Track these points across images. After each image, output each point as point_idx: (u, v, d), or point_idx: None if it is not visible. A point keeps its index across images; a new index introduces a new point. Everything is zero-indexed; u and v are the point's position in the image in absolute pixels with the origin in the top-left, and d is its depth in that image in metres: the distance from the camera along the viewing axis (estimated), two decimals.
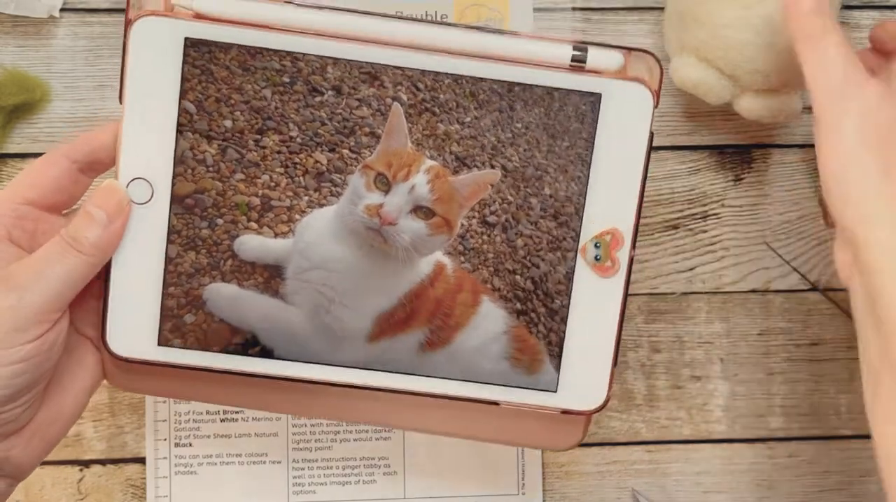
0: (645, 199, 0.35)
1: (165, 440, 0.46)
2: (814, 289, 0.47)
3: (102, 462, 0.46)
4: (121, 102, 0.33)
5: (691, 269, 0.48)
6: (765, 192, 0.47)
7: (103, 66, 0.45)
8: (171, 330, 0.34)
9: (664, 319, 0.48)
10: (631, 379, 0.48)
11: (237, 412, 0.46)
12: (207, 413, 0.46)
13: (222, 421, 0.46)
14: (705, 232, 0.47)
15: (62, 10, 0.44)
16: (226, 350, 0.35)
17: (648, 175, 0.35)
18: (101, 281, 0.34)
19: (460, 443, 0.46)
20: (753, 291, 0.47)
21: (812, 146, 0.47)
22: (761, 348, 0.48)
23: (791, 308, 0.48)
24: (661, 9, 0.44)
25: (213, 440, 0.46)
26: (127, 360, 0.34)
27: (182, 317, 0.34)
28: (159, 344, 0.34)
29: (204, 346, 0.35)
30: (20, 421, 0.32)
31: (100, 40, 0.45)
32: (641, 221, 0.35)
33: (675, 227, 0.47)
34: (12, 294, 0.30)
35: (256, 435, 0.46)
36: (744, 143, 0.47)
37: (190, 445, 0.46)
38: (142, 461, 0.46)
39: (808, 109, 0.35)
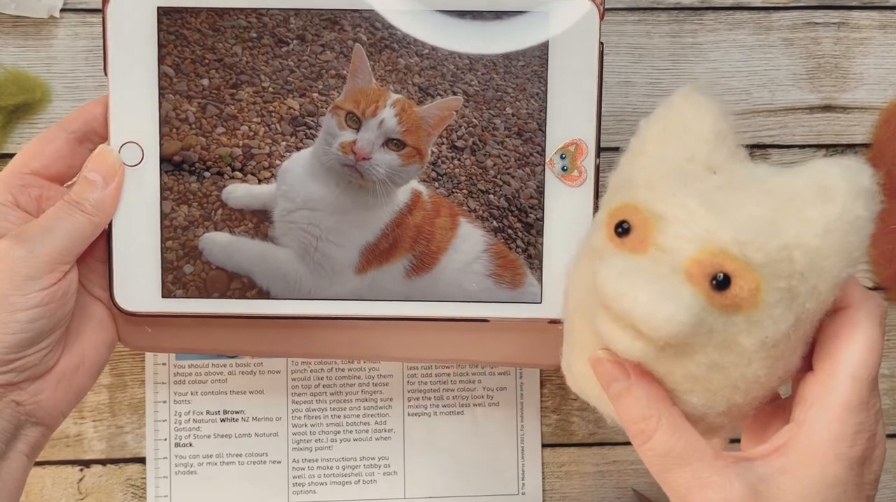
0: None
1: (165, 440, 0.46)
2: None
3: (102, 462, 0.46)
4: (106, 74, 0.36)
5: None
6: None
7: None
8: (173, 281, 0.37)
9: None
10: None
11: (237, 412, 0.47)
12: (207, 413, 0.47)
13: (222, 421, 0.47)
14: None
15: (62, 10, 0.45)
16: (225, 295, 0.37)
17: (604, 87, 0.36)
18: (105, 245, 0.36)
19: (460, 443, 0.47)
20: None
21: (811, 146, 0.48)
22: None
23: None
24: None
25: (213, 440, 0.46)
26: (135, 315, 0.37)
27: (181, 268, 0.37)
28: (163, 296, 0.37)
29: (205, 294, 0.37)
30: (45, 365, 0.34)
31: (100, 40, 0.45)
32: None
33: None
34: (24, 245, 0.33)
35: (256, 435, 0.47)
36: (743, 143, 0.48)
37: (190, 445, 0.46)
38: (142, 461, 0.46)
39: None
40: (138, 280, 0.37)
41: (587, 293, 0.30)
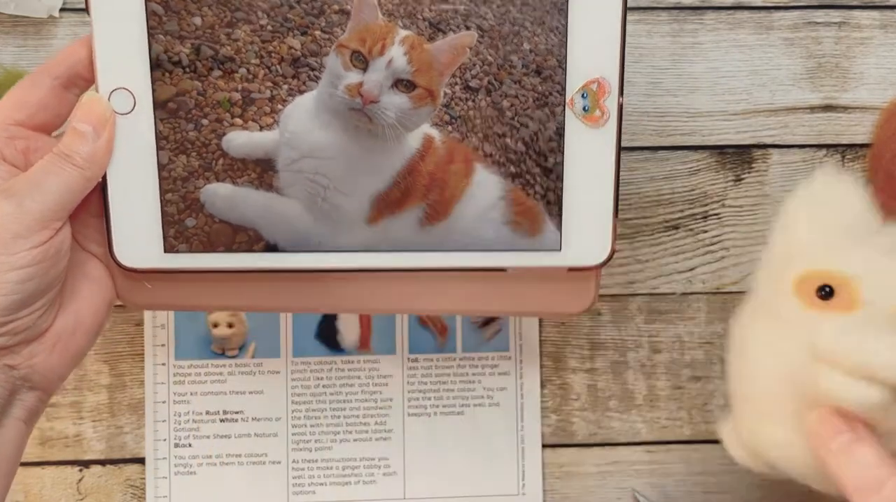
0: (645, 200, 0.35)
1: (165, 440, 0.46)
2: None
3: (102, 462, 0.46)
4: (88, 14, 0.33)
5: (691, 269, 0.47)
6: (765, 192, 0.47)
7: None
8: (175, 236, 0.35)
9: (664, 319, 0.47)
10: (631, 380, 0.48)
11: (237, 412, 0.46)
12: (207, 413, 0.46)
13: (222, 421, 0.46)
14: (706, 232, 0.47)
15: (62, 10, 0.44)
16: (231, 249, 0.35)
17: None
18: (100, 198, 0.34)
19: (460, 443, 0.47)
20: None
21: (812, 146, 0.48)
22: None
23: None
24: None
25: (213, 440, 0.46)
26: (136, 271, 0.35)
27: (183, 221, 0.35)
28: (165, 251, 0.35)
29: (209, 248, 0.35)
30: (38, 327, 0.33)
31: None
32: (642, 221, 0.35)
33: (676, 228, 0.47)
34: (13, 200, 0.31)
35: (256, 436, 0.46)
36: (744, 143, 0.47)
37: (189, 445, 0.46)
38: (141, 461, 0.46)
39: None
40: (138, 235, 0.35)
41: (787, 359, 0.32)
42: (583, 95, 0.34)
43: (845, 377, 0.30)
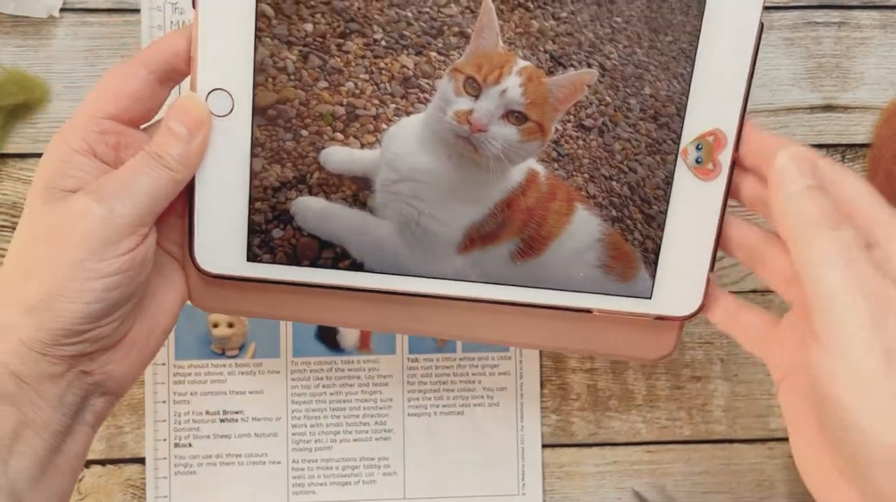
0: None
1: (165, 440, 0.45)
2: None
3: (102, 462, 0.46)
4: (193, 8, 0.31)
5: None
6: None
7: (103, 66, 0.45)
8: (260, 245, 0.34)
9: None
10: (631, 379, 0.47)
11: (237, 412, 0.46)
12: (207, 413, 0.46)
13: (222, 421, 0.46)
14: None
15: (62, 10, 0.44)
16: (315, 264, 0.34)
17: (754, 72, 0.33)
18: (184, 199, 0.33)
19: (460, 443, 0.47)
20: (754, 291, 0.46)
21: (813, 146, 0.45)
22: None
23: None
24: None
25: (213, 440, 0.46)
26: (216, 277, 0.34)
27: (270, 231, 0.34)
28: (248, 259, 0.34)
29: (293, 261, 0.34)
30: (116, 336, 0.32)
31: (100, 40, 0.45)
32: None
33: None
34: (104, 205, 0.30)
35: (256, 436, 0.46)
36: None
37: (189, 445, 0.46)
38: (141, 461, 0.46)
39: None
40: (222, 241, 0.34)
41: None
42: (697, 147, 0.33)
43: None
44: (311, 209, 0.33)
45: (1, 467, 0.29)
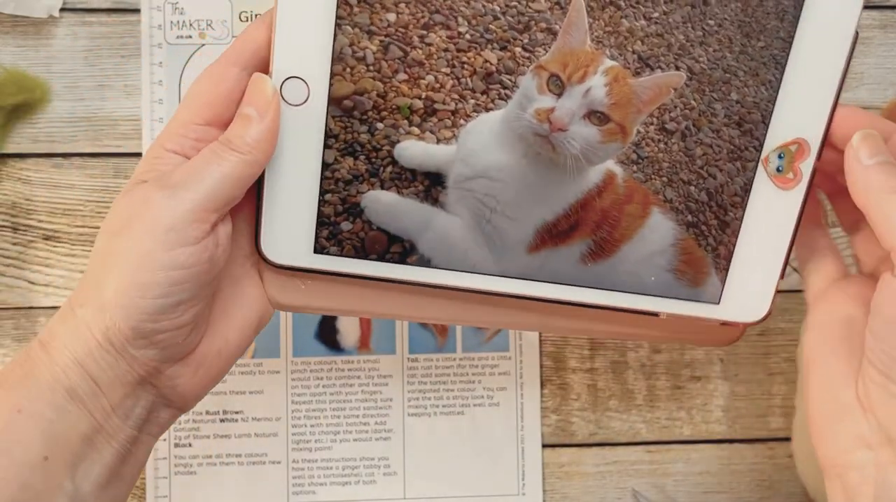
0: None
1: (165, 440, 0.45)
2: None
3: None
4: None
5: None
6: None
7: (103, 66, 0.45)
8: (328, 237, 0.33)
9: None
10: (631, 379, 0.47)
11: (237, 412, 0.45)
12: (207, 413, 0.45)
13: (222, 421, 0.45)
14: None
15: (62, 10, 0.44)
16: (383, 258, 0.33)
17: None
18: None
19: (460, 443, 0.46)
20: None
21: None
22: (761, 348, 0.47)
23: (791, 308, 0.47)
24: None
25: (213, 440, 0.45)
26: (282, 267, 0.33)
27: (339, 224, 0.33)
28: (315, 251, 0.33)
29: (361, 254, 0.33)
30: (185, 346, 0.31)
31: (99, 40, 0.45)
32: None
33: None
34: (167, 191, 0.29)
35: (256, 436, 0.45)
36: None
37: (189, 445, 0.45)
38: None
39: None
40: (289, 232, 0.33)
41: None
42: (779, 155, 0.32)
43: None
44: (381, 202, 0.33)
45: (70, 471, 0.29)
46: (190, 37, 0.45)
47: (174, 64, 0.45)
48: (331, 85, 0.31)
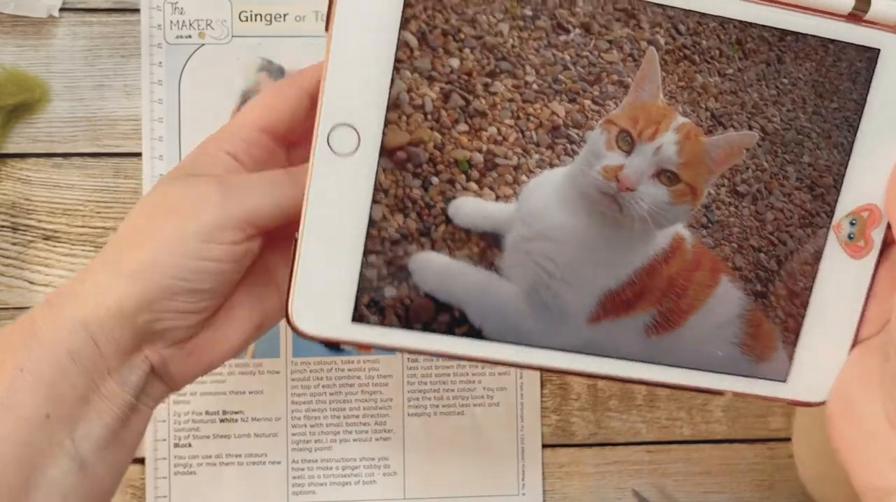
0: None
1: (165, 440, 0.45)
2: None
3: None
4: (326, 30, 0.27)
5: None
6: None
7: (103, 66, 0.45)
8: (369, 304, 0.29)
9: None
10: None
11: (236, 412, 0.45)
12: (207, 413, 0.46)
13: (221, 421, 0.45)
14: None
15: (62, 9, 0.44)
16: (429, 328, 0.30)
17: None
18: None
19: (460, 443, 0.46)
20: None
21: None
22: None
23: None
24: None
25: (213, 440, 0.45)
26: (315, 339, 0.29)
27: (382, 289, 0.29)
28: (354, 320, 0.29)
29: (404, 324, 0.30)
30: (186, 334, 0.31)
31: (99, 40, 0.45)
32: None
33: None
34: (226, 192, 0.30)
35: (256, 436, 0.46)
36: None
37: (189, 445, 0.45)
38: (141, 461, 0.45)
39: None
40: (326, 297, 0.29)
41: None
42: (851, 222, 0.31)
43: None
44: (432, 266, 0.29)
45: (68, 429, 0.29)
46: (189, 37, 0.45)
47: (174, 64, 0.45)
48: (384, 134, 0.28)
